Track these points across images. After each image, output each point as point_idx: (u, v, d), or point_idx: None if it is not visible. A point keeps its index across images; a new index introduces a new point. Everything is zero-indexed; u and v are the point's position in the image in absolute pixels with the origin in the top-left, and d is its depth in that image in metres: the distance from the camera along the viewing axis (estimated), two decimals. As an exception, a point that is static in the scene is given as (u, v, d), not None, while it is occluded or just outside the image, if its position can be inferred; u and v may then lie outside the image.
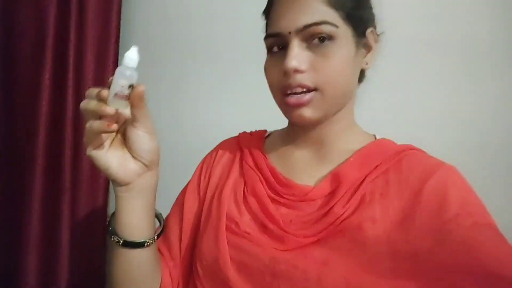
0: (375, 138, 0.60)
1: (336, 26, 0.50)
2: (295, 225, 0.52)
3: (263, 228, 0.54)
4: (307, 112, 0.51)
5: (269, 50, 0.55)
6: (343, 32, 0.50)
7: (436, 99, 0.94)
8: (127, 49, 0.45)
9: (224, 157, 0.66)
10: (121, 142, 0.50)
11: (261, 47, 0.57)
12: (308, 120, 0.52)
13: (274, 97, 0.56)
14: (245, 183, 0.60)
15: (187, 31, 1.07)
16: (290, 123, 0.62)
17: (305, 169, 0.58)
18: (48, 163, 0.95)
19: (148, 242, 0.53)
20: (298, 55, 0.49)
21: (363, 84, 0.60)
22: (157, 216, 0.60)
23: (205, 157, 0.69)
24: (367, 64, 0.56)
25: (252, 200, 0.57)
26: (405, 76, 0.94)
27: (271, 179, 0.57)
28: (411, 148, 0.56)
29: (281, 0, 0.53)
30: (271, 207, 0.54)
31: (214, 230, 0.56)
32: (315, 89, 0.50)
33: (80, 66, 0.96)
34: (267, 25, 0.57)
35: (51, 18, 0.92)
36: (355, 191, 0.51)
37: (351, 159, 0.55)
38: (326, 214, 0.51)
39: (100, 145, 0.48)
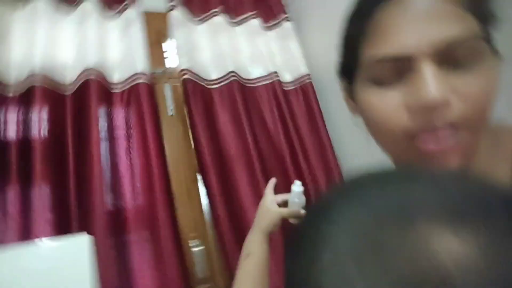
0: None
1: (484, 38, 0.34)
2: None
3: None
4: (455, 162, 0.34)
5: (375, 80, 0.37)
6: (488, 44, 0.35)
7: None
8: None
9: None
10: None
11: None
12: None
13: (388, 141, 0.39)
14: None
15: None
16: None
17: None
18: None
19: None
20: (438, 82, 0.33)
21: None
22: None
23: None
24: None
25: None
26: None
27: None
28: None
29: (397, 7, 0.36)
30: None
31: None
32: (463, 127, 0.34)
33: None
34: (356, 48, 0.39)
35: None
36: None
37: None
38: None
39: None
